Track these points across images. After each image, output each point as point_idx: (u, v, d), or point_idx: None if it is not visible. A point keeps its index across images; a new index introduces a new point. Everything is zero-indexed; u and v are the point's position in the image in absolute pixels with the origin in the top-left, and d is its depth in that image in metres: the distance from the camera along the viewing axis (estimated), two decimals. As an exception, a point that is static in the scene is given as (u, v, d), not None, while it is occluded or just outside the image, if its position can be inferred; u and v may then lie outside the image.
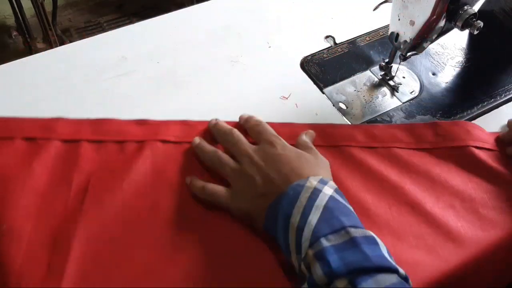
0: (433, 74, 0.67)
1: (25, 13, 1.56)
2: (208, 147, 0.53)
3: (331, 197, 0.43)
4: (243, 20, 0.73)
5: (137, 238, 0.47)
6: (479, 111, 0.63)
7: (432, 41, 0.57)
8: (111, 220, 0.48)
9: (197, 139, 0.54)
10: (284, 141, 0.52)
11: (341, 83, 0.65)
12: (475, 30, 0.54)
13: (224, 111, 0.60)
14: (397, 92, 0.64)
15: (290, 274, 0.45)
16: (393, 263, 0.39)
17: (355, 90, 0.65)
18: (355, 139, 0.57)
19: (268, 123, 0.56)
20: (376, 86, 0.65)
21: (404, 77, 0.66)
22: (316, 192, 0.43)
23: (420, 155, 0.56)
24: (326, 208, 0.42)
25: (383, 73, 0.65)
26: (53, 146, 0.53)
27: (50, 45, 1.62)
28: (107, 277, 0.44)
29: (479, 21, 0.53)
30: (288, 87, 0.64)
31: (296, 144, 0.53)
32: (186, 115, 0.58)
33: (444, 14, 0.53)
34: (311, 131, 0.56)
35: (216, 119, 0.57)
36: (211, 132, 0.56)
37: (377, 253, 0.39)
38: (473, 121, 0.62)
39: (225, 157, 0.51)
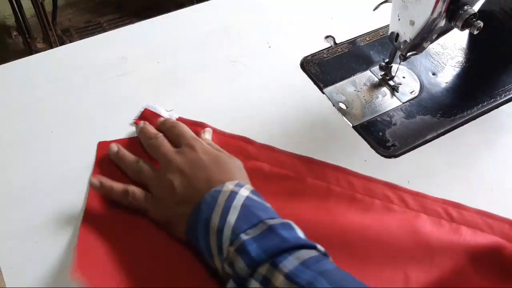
0: (433, 74, 0.67)
1: (25, 13, 1.57)
2: (128, 155, 0.52)
3: (248, 197, 0.44)
4: (243, 20, 0.73)
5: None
6: (479, 111, 0.63)
7: (432, 41, 0.57)
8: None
9: (114, 146, 0.52)
10: (203, 142, 0.51)
11: (341, 83, 0.65)
12: (475, 30, 0.54)
13: (224, 111, 0.60)
14: (397, 92, 0.64)
15: (214, 279, 0.44)
16: (312, 242, 0.41)
17: (355, 90, 0.65)
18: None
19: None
20: (376, 86, 0.65)
21: (404, 77, 0.66)
22: (232, 195, 0.43)
23: None
24: (243, 206, 0.42)
25: (383, 73, 0.65)
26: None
27: (50, 45, 1.63)
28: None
29: (479, 21, 0.53)
30: (288, 87, 0.64)
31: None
32: (186, 115, 0.58)
33: (444, 14, 0.53)
34: (208, 129, 0.56)
35: (143, 123, 0.55)
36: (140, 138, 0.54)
37: (294, 235, 0.40)
38: (473, 121, 0.62)
39: (143, 163, 0.50)
